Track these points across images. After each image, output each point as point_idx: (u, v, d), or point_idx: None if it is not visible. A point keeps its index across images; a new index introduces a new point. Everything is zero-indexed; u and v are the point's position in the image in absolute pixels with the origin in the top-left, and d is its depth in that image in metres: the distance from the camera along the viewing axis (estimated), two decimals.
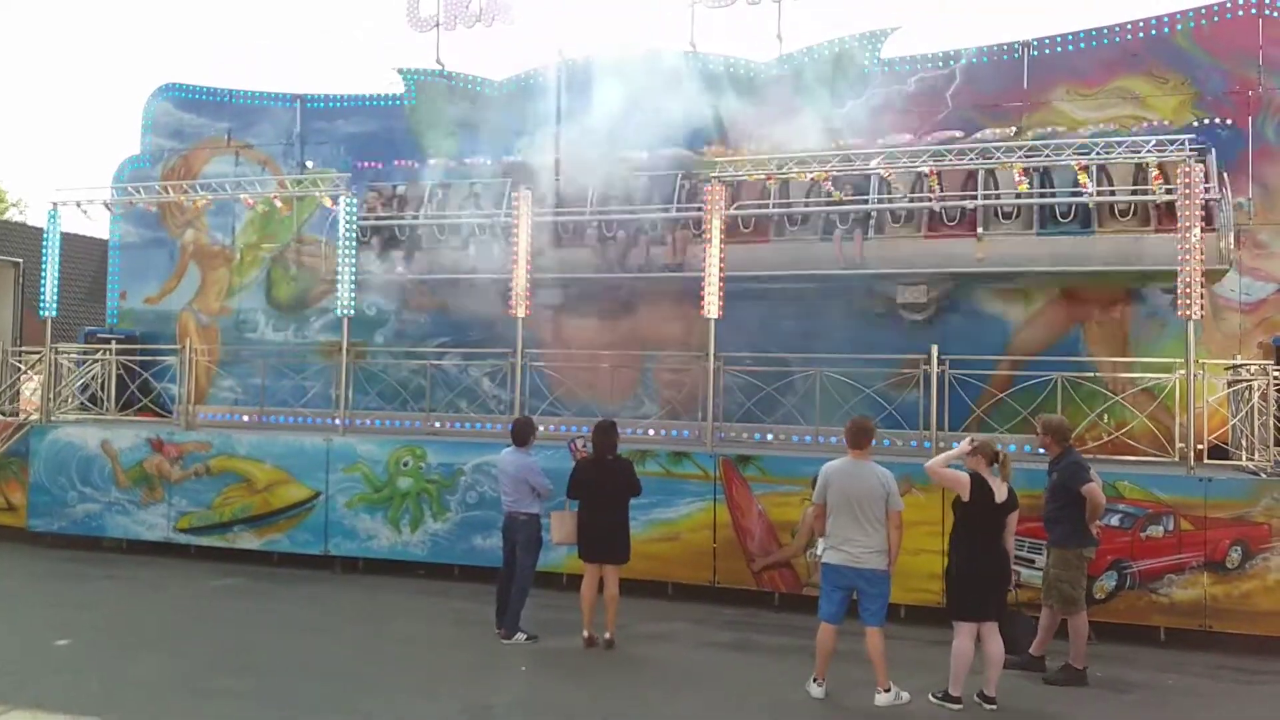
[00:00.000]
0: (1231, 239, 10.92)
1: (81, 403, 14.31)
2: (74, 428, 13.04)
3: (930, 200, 11.45)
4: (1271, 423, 9.72)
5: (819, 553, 7.20)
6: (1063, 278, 11.83)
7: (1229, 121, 11.84)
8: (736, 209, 12.17)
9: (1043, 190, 11.33)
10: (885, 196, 11.75)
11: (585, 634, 8.40)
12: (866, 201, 11.72)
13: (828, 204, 11.95)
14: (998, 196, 11.43)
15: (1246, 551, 8.77)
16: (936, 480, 7.10)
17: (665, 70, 14.01)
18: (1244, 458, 10.13)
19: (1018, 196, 11.10)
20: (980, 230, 11.54)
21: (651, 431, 12.11)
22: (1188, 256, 9.50)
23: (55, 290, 13.57)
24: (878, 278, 12.30)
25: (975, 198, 11.48)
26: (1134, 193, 10.95)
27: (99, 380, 14.20)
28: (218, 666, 7.73)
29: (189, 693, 7.09)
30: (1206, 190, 10.26)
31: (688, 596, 10.18)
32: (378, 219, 14.04)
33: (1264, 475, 9.31)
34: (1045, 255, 11.46)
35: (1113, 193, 11.10)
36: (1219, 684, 7.93)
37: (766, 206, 12.31)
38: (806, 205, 11.95)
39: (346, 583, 11.08)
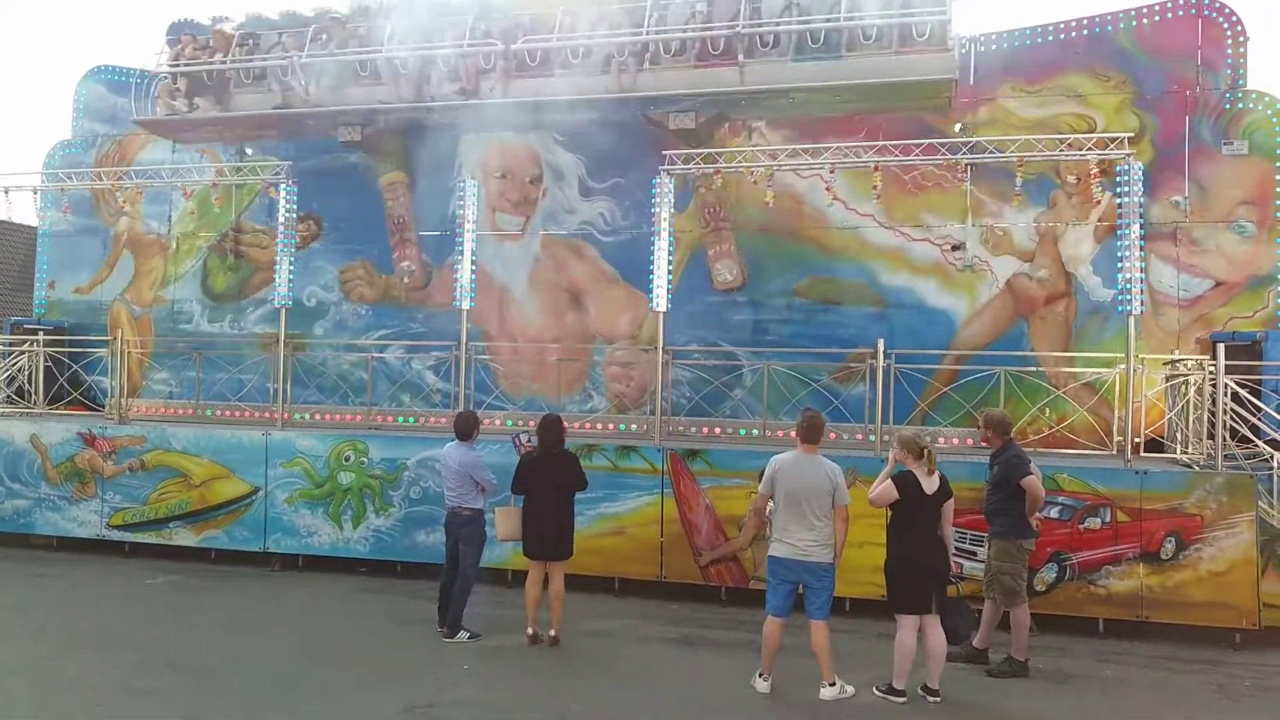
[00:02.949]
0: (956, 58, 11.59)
1: (8, 396, 13.86)
2: (0, 422, 12.61)
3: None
4: (1205, 417, 9.93)
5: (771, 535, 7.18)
6: (816, 96, 12.21)
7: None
8: (524, 42, 12.63)
9: (802, 20, 11.98)
10: (658, 29, 12.42)
11: (530, 631, 8.31)
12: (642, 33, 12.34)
13: (607, 36, 12.49)
14: (760, 26, 12.02)
15: (1180, 542, 8.95)
16: (879, 506, 7.17)
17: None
18: (1179, 451, 10.34)
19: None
20: (742, 59, 12.05)
21: (599, 425, 12.06)
22: (1128, 252, 9.66)
23: None
24: (648, 102, 12.63)
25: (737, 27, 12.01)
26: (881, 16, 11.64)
27: (26, 373, 13.75)
28: (153, 666, 7.52)
29: (123, 694, 6.88)
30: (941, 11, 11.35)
31: (634, 592, 10.13)
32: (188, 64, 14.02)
33: (1197, 468, 9.51)
34: (800, 76, 11.98)
35: (862, 19, 11.72)
36: (1154, 673, 8.08)
37: (551, 40, 12.67)
38: (590, 39, 12.50)
39: (286, 580, 10.86)
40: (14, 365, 13.79)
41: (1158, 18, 12.18)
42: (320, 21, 13.71)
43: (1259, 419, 9.73)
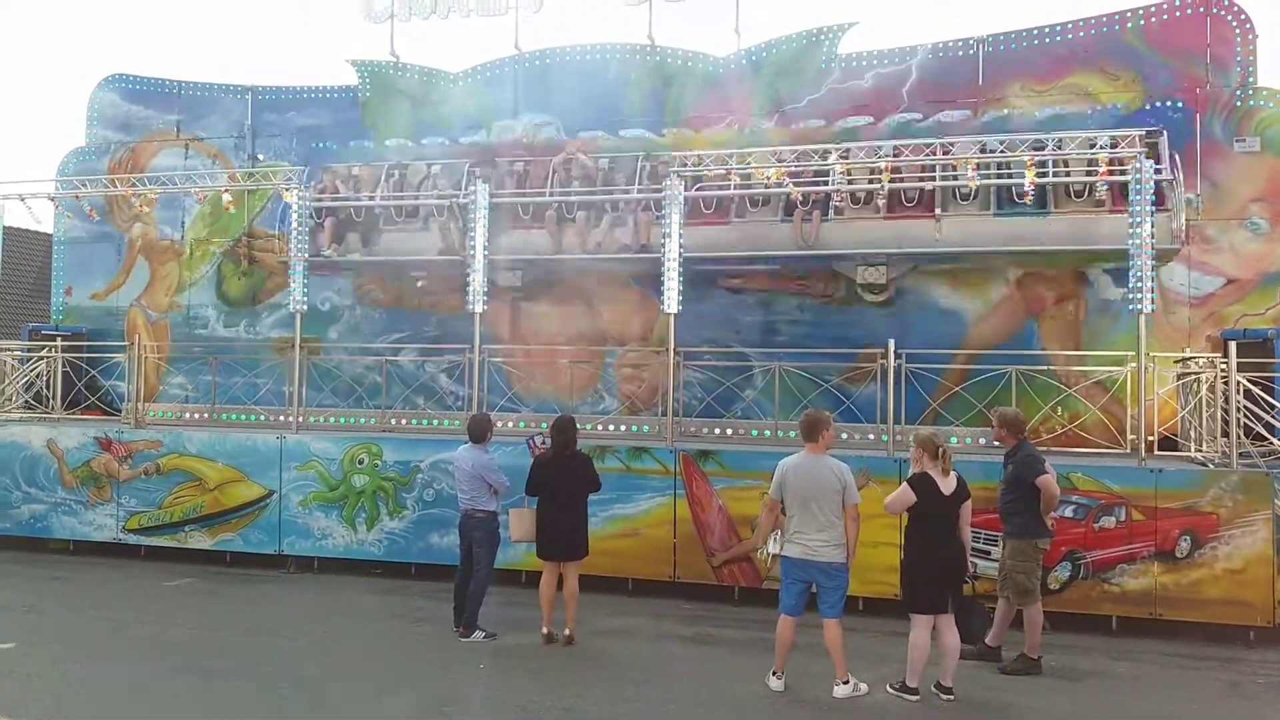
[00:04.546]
0: (1182, 220, 11.06)
1: (26, 401, 13.97)
2: (18, 427, 12.72)
3: (884, 189, 11.41)
4: (1219, 414, 9.91)
5: (770, 550, 7.21)
6: (1019, 258, 11.89)
7: (1180, 101, 12.00)
8: (697, 190, 12.09)
9: (999, 173, 11.31)
10: (844, 176, 11.56)
11: (544, 631, 8.35)
12: (826, 184, 11.68)
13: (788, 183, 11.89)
14: (955, 178, 11.36)
15: (1195, 541, 8.93)
16: (895, 513, 7.16)
17: (623, 64, 14.04)
18: (1192, 449, 10.32)
19: (974, 184, 11.11)
20: (939, 210, 11.58)
21: (611, 427, 12.09)
22: (1139, 248, 9.65)
23: None
24: (837, 258, 12.30)
25: (933, 179, 11.46)
26: (1088, 174, 11.04)
27: (44, 378, 13.87)
28: (170, 669, 7.58)
29: (140, 697, 6.94)
30: (1158, 172, 10.39)
31: (648, 592, 10.16)
32: (334, 199, 13.58)
33: (1211, 466, 9.49)
34: (1002, 235, 11.49)
35: (1068, 174, 11.19)
36: (1168, 671, 8.06)
37: (727, 188, 12.17)
38: (767, 187, 11.90)
39: (301, 582, 10.93)
40: (32, 371, 13.91)
41: (1166, 16, 12.17)
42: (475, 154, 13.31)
43: (1272, 416, 9.70)
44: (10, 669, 7.53)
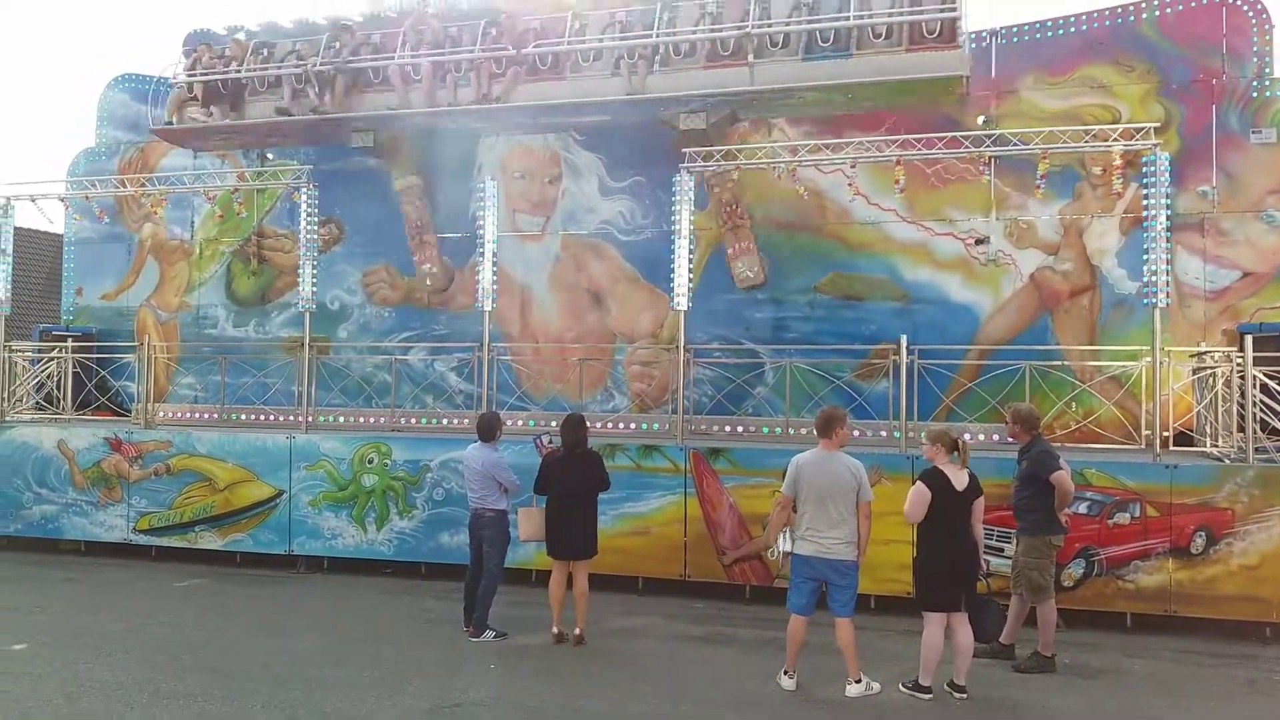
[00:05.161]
0: (967, 54, 11.36)
1: (37, 402, 14.02)
2: (29, 428, 12.77)
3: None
4: (1235, 409, 9.80)
5: (781, 549, 7.14)
6: (827, 97, 12.02)
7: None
8: (535, 47, 12.46)
9: (811, 18, 11.77)
10: (668, 31, 12.20)
11: (554, 630, 8.32)
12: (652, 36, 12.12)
13: (617, 40, 12.32)
14: (770, 26, 11.78)
15: (1210, 537, 8.85)
16: (916, 519, 7.07)
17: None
18: (1208, 444, 10.22)
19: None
20: (751, 58, 11.81)
21: (621, 425, 12.06)
22: (1153, 244, 9.55)
23: (8, 287, 13.27)
24: (659, 103, 12.44)
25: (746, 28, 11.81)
26: (891, 15, 11.48)
27: (54, 379, 13.91)
28: (181, 669, 7.57)
29: (151, 695, 6.93)
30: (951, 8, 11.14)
31: (658, 591, 10.13)
32: (205, 73, 13.89)
33: (1227, 461, 9.39)
34: (808, 75, 11.73)
35: (871, 16, 11.52)
36: (1183, 668, 7.99)
37: (563, 44, 12.53)
38: (600, 42, 12.30)
39: (311, 582, 10.93)
40: (43, 371, 13.95)
41: (1181, 6, 12.01)
42: (333, 29, 13.75)
43: None
44: (22, 669, 7.54)
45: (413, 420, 12.66)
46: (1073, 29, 12.40)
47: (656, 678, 7.48)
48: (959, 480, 6.97)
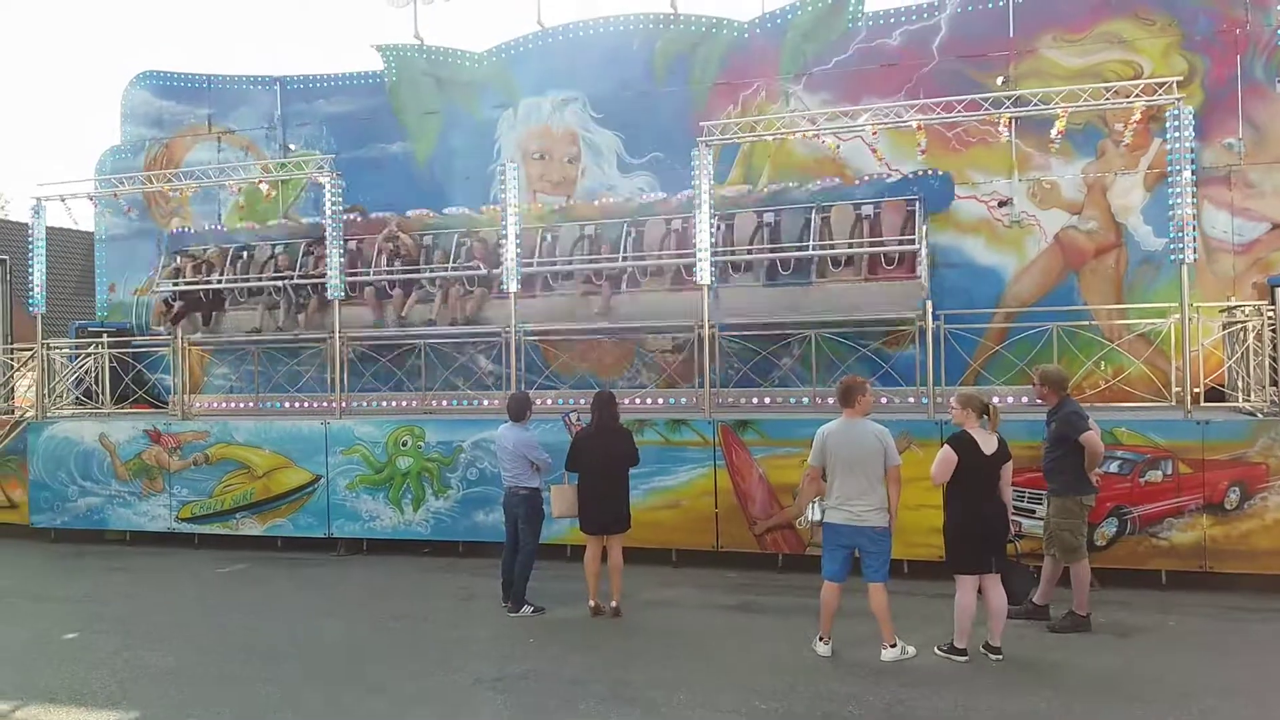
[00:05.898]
0: (926, 282, 11.34)
1: (76, 397, 14.29)
2: (70, 423, 13.03)
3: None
4: (1267, 363, 9.72)
5: (811, 518, 7.20)
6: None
7: (941, 172, 12.14)
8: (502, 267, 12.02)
9: (774, 246, 11.90)
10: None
11: (591, 603, 8.45)
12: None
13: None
14: (832, 246, 11.73)
15: (1244, 492, 8.82)
16: (942, 480, 7.10)
17: (647, 33, 13.95)
18: (1240, 399, 10.15)
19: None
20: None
21: (649, 400, 12.13)
22: (1179, 195, 9.46)
23: (43, 286, 13.50)
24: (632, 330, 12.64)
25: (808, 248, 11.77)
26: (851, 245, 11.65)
27: (92, 374, 14.17)
28: (228, 652, 7.78)
29: (201, 679, 7.12)
30: (910, 241, 11.22)
31: (691, 562, 10.23)
32: (188, 283, 14.21)
33: (1260, 416, 9.33)
34: (771, 305, 11.89)
35: (833, 247, 11.66)
36: (1220, 624, 7.99)
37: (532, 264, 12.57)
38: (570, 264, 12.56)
39: (352, 564, 11.13)
40: (81, 368, 14.21)
41: None
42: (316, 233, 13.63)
43: None
44: (75, 656, 7.77)
45: (444, 403, 12.79)
46: None
47: (692, 647, 7.59)
48: (987, 444, 7.00)
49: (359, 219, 14.04)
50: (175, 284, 14.26)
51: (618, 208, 13.08)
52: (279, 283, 13.76)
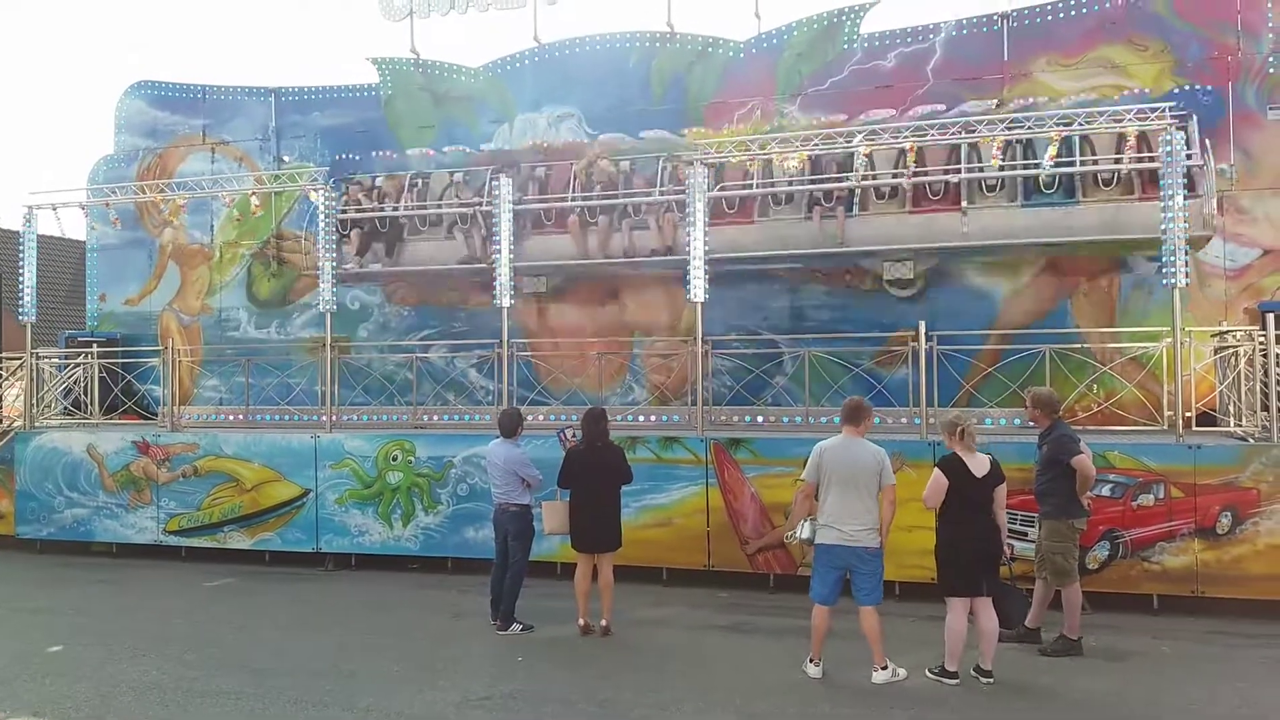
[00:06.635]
0: (1214, 205, 10.90)
1: (65, 407, 14.21)
2: (58, 433, 12.95)
3: (911, 176, 11.37)
4: (1258, 388, 9.75)
5: (801, 536, 7.17)
6: (1048, 249, 11.75)
7: (1209, 87, 11.79)
8: (720, 190, 12.08)
9: (1025, 162, 11.29)
10: (868, 173, 11.62)
11: (581, 622, 8.39)
12: (848, 179, 11.61)
13: (811, 183, 11.90)
14: (981, 170, 11.34)
15: (1236, 517, 8.82)
16: (933, 505, 7.10)
17: (643, 51, 13.99)
18: (1232, 424, 10.17)
19: (1000, 169, 11.04)
20: (965, 204, 11.48)
21: (641, 417, 12.10)
22: (1171, 224, 9.50)
23: (33, 295, 13.43)
24: (863, 254, 12.22)
25: (959, 172, 11.43)
26: (1116, 162, 10.93)
27: (81, 384, 14.09)
28: (214, 667, 7.69)
29: (186, 694, 7.03)
30: (1189, 157, 10.23)
31: (683, 581, 10.18)
32: (359, 211, 13.81)
33: (1251, 440, 9.35)
34: (1030, 227, 11.40)
35: (1095, 162, 11.08)
36: (1211, 649, 7.98)
37: (750, 187, 12.20)
38: (790, 185, 11.87)
39: (340, 579, 11.05)
40: (70, 377, 14.13)
41: None
42: (498, 160, 13.35)
43: None
44: (59, 670, 7.67)
45: (435, 417, 12.75)
46: (1085, 9, 12.33)
47: (684, 668, 7.54)
48: (977, 466, 6.99)
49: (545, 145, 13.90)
50: (356, 210, 13.53)
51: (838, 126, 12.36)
52: (469, 209, 13.14)
